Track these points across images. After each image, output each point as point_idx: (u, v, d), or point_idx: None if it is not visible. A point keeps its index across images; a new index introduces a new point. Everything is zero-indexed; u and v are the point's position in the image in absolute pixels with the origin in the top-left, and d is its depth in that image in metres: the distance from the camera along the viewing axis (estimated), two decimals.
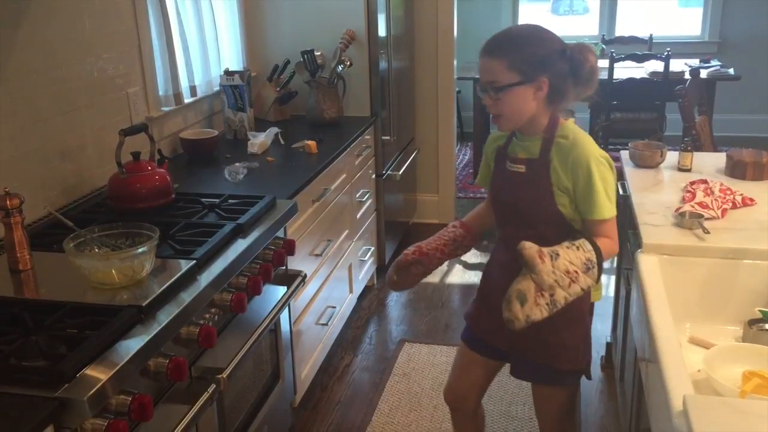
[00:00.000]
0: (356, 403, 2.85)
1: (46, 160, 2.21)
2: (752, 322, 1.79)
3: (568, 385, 1.87)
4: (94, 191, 2.39)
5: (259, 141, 3.00)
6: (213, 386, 1.70)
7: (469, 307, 2.00)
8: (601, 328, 3.32)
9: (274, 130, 3.14)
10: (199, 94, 3.16)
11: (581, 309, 1.78)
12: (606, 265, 4.30)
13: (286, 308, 2.34)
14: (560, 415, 1.88)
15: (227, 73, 3.21)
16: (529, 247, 1.53)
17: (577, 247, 1.59)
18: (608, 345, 3.07)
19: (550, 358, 1.79)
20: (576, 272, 1.56)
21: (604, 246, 1.65)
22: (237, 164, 2.70)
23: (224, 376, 1.74)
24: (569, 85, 1.63)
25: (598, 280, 1.63)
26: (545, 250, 1.55)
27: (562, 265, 1.55)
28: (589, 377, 1.87)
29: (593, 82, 1.64)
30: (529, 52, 1.60)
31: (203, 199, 2.28)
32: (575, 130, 1.69)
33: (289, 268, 2.34)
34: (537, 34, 1.64)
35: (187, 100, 3.06)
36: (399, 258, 1.86)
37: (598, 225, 1.68)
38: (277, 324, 2.29)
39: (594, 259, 1.60)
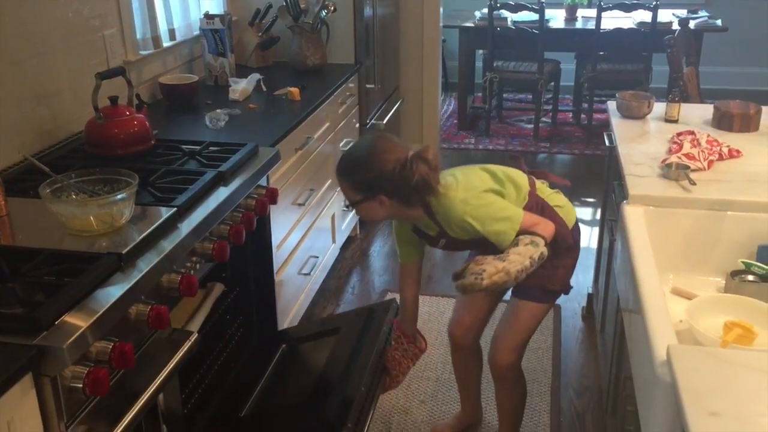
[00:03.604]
0: None
1: (20, 104, 2.14)
2: (735, 273, 1.81)
3: (552, 302, 2.11)
4: (70, 137, 2.33)
5: (241, 87, 2.93)
6: (195, 336, 1.69)
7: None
8: (582, 279, 3.34)
9: (255, 76, 3.07)
10: (179, 37, 3.07)
11: (575, 237, 2.02)
12: (588, 216, 4.30)
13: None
14: (534, 326, 2.12)
15: (207, 16, 3.12)
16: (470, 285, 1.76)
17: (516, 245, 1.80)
18: (589, 296, 3.09)
19: (545, 280, 1.99)
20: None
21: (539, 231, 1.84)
22: (218, 111, 2.64)
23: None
24: (409, 192, 1.79)
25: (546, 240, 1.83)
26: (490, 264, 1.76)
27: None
28: (567, 293, 2.10)
29: (428, 188, 1.78)
30: (359, 178, 1.81)
31: (184, 146, 2.23)
32: (442, 201, 1.82)
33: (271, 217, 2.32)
34: (370, 158, 1.80)
35: (166, 44, 2.97)
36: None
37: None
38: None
39: (535, 238, 1.81)
